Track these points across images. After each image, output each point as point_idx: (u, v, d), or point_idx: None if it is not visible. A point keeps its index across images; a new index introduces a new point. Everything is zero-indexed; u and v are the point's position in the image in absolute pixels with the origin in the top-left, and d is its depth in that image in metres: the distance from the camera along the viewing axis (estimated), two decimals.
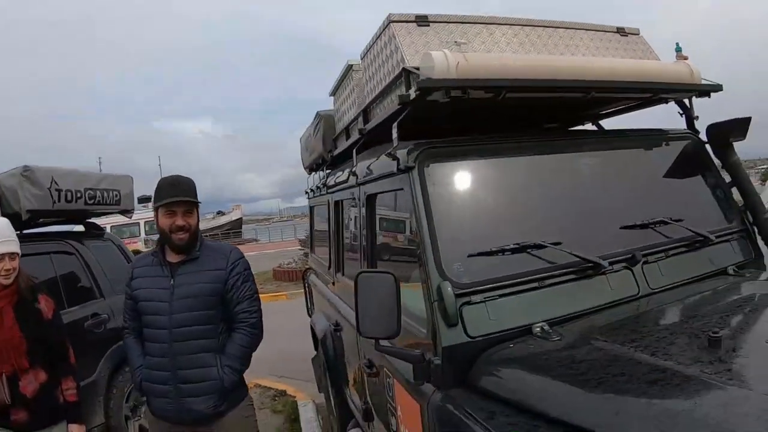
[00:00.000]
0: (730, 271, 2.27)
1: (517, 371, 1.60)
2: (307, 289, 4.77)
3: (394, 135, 2.02)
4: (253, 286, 2.30)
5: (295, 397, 4.94)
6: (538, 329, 1.75)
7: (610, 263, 1.96)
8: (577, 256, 1.91)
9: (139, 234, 16.31)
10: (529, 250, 1.89)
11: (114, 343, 3.70)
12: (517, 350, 1.69)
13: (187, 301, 2.16)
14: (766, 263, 2.46)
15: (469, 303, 1.74)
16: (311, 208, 4.79)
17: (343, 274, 3.28)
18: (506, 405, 1.50)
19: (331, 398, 3.92)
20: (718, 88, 2.57)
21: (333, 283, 3.54)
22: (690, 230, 2.24)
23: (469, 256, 1.83)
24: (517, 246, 1.87)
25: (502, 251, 1.85)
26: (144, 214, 16.59)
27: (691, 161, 2.61)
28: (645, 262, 2.08)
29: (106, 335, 3.70)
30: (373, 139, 2.61)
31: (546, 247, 1.89)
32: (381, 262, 2.45)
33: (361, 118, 2.69)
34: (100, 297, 3.87)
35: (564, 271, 1.91)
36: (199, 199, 2.23)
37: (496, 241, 1.88)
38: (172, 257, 2.23)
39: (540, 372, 1.55)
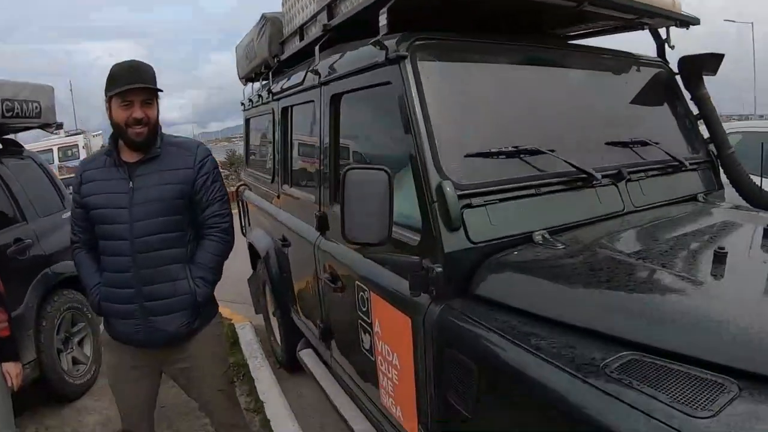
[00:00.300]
0: (700, 199, 2.32)
1: (531, 279, 1.51)
2: (241, 206, 4.40)
3: (383, 22, 1.80)
4: (223, 187, 2.05)
5: (231, 319, 4.72)
6: (539, 237, 1.68)
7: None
8: (573, 165, 1.84)
9: (53, 161, 14.97)
10: (525, 155, 1.79)
11: (40, 271, 3.40)
12: (525, 257, 1.60)
13: (150, 205, 1.88)
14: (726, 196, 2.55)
15: (470, 206, 1.61)
16: (247, 121, 4.49)
17: (290, 186, 3.11)
18: (517, 315, 1.41)
19: (275, 318, 3.78)
20: (695, 21, 2.57)
21: (278, 197, 3.34)
22: (668, 153, 2.25)
23: (467, 156, 1.69)
24: (515, 149, 1.77)
25: (500, 153, 1.74)
26: (56, 140, 15.25)
27: (662, 89, 2.61)
28: (629, 180, 2.06)
29: (32, 262, 3.37)
30: (337, 38, 2.40)
31: (543, 153, 1.81)
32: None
33: (324, 13, 2.47)
34: (23, 221, 3.52)
35: (557, 180, 1.84)
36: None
37: (489, 144, 1.76)
38: (129, 156, 1.93)
39: (559, 280, 1.46)
